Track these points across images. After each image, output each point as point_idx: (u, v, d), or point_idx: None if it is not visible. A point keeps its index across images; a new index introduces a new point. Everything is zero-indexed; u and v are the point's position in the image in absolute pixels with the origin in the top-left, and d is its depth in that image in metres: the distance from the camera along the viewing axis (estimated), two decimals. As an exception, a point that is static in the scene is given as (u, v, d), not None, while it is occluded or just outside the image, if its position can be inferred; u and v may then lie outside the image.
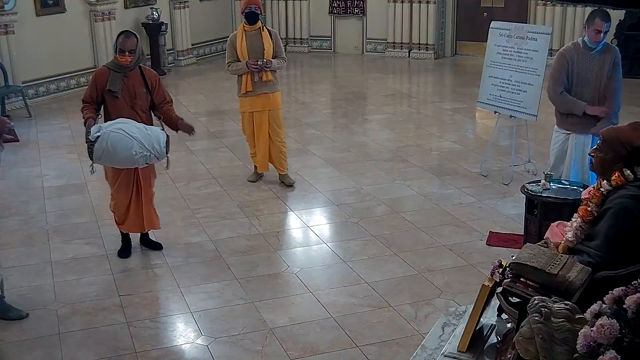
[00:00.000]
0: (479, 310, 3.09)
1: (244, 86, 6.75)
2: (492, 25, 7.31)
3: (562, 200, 4.99)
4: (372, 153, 8.15)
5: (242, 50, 6.66)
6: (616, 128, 3.30)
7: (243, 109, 6.94)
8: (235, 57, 6.71)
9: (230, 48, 6.75)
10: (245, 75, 6.70)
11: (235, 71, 6.77)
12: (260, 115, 6.85)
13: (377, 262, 5.35)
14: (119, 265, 5.36)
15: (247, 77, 6.71)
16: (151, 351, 4.25)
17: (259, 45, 6.67)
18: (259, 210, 6.43)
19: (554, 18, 12.92)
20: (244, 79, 6.73)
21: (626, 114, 9.30)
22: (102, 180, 7.25)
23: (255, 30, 6.71)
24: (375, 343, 4.26)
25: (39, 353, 4.24)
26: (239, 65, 6.69)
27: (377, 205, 6.50)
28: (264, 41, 6.68)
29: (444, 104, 10.78)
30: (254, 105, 6.83)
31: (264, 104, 6.82)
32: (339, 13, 14.98)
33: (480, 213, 6.28)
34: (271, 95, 6.84)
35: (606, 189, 3.19)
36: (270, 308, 4.70)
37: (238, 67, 6.71)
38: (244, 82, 6.74)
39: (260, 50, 6.66)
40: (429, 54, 14.15)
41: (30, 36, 10.57)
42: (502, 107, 7.13)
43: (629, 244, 3.00)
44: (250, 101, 6.83)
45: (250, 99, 6.81)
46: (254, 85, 6.72)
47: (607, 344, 2.27)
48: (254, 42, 6.67)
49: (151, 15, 12.73)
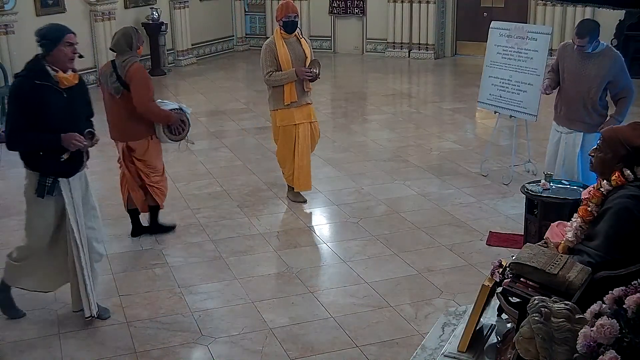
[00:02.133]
0: (479, 310, 3.09)
1: (289, 96, 6.23)
2: (492, 25, 7.31)
3: (562, 200, 4.99)
4: (372, 153, 8.15)
5: (286, 58, 6.20)
6: (616, 128, 3.31)
7: (285, 122, 6.33)
8: (276, 66, 6.21)
9: (269, 56, 6.20)
10: (290, 85, 6.22)
11: (278, 81, 6.20)
12: (304, 128, 6.41)
13: (377, 262, 5.35)
14: (119, 265, 5.36)
15: (291, 87, 6.23)
16: (151, 351, 4.25)
17: (300, 54, 6.29)
18: (259, 210, 6.43)
19: (554, 18, 12.91)
20: (287, 89, 6.22)
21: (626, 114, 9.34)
22: (102, 180, 7.28)
23: (293, 37, 6.31)
24: (375, 343, 4.26)
25: (39, 353, 4.24)
26: (284, 74, 6.18)
27: (377, 205, 6.50)
28: (304, 49, 6.33)
29: (444, 104, 10.78)
30: (299, 117, 6.35)
31: (308, 115, 6.43)
32: (339, 13, 14.98)
33: (480, 213, 6.28)
34: (312, 107, 6.50)
35: (606, 189, 3.19)
36: (270, 308, 4.70)
37: (283, 77, 6.18)
38: (288, 92, 6.23)
39: (302, 58, 6.28)
40: (429, 54, 14.15)
41: (30, 36, 10.40)
42: (502, 107, 7.13)
43: (629, 244, 3.00)
44: (294, 113, 6.32)
45: (294, 111, 6.31)
46: (299, 95, 6.29)
47: (607, 344, 2.27)
48: (296, 49, 6.28)
49: (151, 15, 12.73)
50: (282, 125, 6.35)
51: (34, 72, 4.16)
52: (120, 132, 5.61)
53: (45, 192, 4.22)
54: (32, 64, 4.22)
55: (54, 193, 4.24)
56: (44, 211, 4.31)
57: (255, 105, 10.53)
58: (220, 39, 15.43)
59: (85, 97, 4.45)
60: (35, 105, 4.10)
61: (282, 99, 6.25)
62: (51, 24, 4.37)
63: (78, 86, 4.32)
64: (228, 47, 15.69)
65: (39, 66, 4.18)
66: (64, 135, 4.14)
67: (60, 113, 4.16)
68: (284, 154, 6.49)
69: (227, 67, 14.11)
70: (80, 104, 4.35)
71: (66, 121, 4.17)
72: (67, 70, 4.25)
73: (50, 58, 4.19)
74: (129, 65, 5.37)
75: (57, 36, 4.20)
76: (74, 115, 4.24)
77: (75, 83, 4.27)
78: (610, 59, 5.40)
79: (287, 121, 6.33)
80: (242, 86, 12.42)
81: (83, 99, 4.41)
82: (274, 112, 6.38)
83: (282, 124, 6.35)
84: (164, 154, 5.96)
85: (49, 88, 4.13)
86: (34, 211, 4.35)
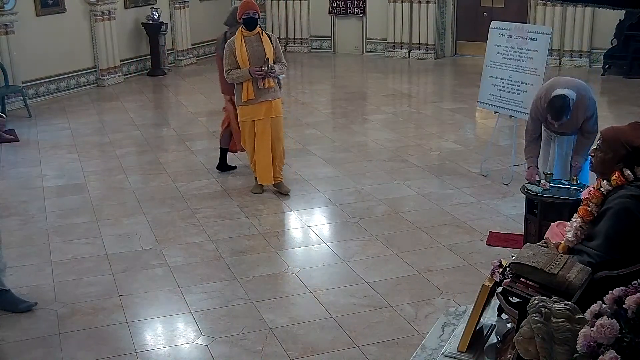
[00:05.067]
0: (479, 310, 3.09)
1: (245, 94, 6.45)
2: (492, 25, 7.31)
3: (562, 200, 4.98)
4: (372, 153, 8.15)
5: (243, 56, 6.39)
6: (616, 128, 3.31)
7: (244, 117, 6.62)
8: (235, 64, 6.43)
9: (228, 55, 6.44)
10: (247, 83, 6.42)
11: (235, 79, 6.47)
12: (263, 124, 6.57)
13: (377, 262, 5.35)
14: (119, 265, 5.36)
15: (248, 85, 6.42)
16: (151, 351, 4.25)
17: (259, 51, 6.42)
18: (259, 210, 6.43)
19: (554, 18, 12.92)
20: (244, 87, 6.44)
21: (626, 114, 9.35)
22: (102, 181, 7.29)
23: (254, 35, 6.46)
24: (375, 343, 4.26)
25: (39, 353, 4.24)
26: (240, 72, 6.41)
27: (377, 205, 6.50)
28: (264, 46, 6.44)
29: (444, 104, 10.78)
30: (256, 114, 6.54)
31: (267, 111, 6.54)
32: (339, 13, 14.98)
33: (480, 213, 6.28)
34: (273, 103, 6.57)
35: (606, 189, 3.19)
36: (270, 308, 4.70)
37: (239, 75, 6.42)
38: (245, 90, 6.44)
39: (261, 55, 6.41)
40: (429, 54, 14.15)
41: (30, 36, 10.57)
42: (502, 107, 7.13)
43: (629, 244, 3.00)
44: (252, 109, 6.54)
45: (252, 107, 6.52)
46: (256, 93, 6.45)
47: (607, 344, 2.27)
48: (255, 47, 6.42)
49: (151, 15, 12.73)
50: (242, 120, 6.68)
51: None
52: (224, 87, 7.13)
53: None
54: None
55: None
56: None
57: (255, 105, 10.51)
58: (220, 39, 15.42)
59: None
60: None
61: (242, 96, 6.53)
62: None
63: None
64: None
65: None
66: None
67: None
68: (247, 148, 6.83)
69: (227, 67, 14.09)
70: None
71: None
72: None
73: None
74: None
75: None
76: None
77: None
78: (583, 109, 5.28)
79: (245, 117, 6.63)
80: (242, 86, 12.40)
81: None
82: (238, 107, 6.72)
83: (242, 119, 6.67)
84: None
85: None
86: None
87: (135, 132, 9.15)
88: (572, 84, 5.31)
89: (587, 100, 5.29)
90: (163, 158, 8.06)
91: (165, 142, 8.87)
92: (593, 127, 5.33)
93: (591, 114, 5.32)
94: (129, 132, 9.17)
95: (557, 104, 5.16)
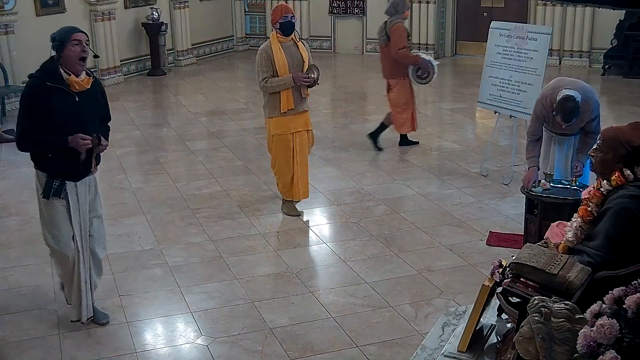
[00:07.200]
0: (479, 310, 3.09)
1: (285, 104, 5.89)
2: (492, 25, 7.31)
3: (562, 200, 4.98)
4: (372, 153, 8.15)
5: (282, 63, 5.84)
6: (616, 128, 3.31)
7: (280, 130, 6.00)
8: (272, 72, 5.85)
9: (265, 62, 5.85)
10: (286, 91, 5.89)
11: (275, 87, 5.86)
12: (301, 136, 6.08)
13: (377, 262, 5.35)
14: (119, 265, 5.36)
15: (288, 93, 5.89)
16: (151, 351, 4.25)
17: (297, 58, 5.93)
18: (259, 210, 6.43)
19: (554, 18, 12.92)
20: (283, 96, 5.89)
21: (626, 114, 9.35)
22: (102, 181, 7.26)
23: (289, 41, 5.96)
24: (375, 343, 4.26)
25: (39, 353, 4.24)
26: (281, 80, 5.84)
27: (377, 205, 6.50)
28: (302, 53, 5.98)
29: (444, 104, 10.78)
30: (295, 125, 6.02)
31: (305, 122, 6.11)
32: (339, 13, 14.98)
33: (480, 213, 6.28)
34: (308, 114, 6.19)
35: (606, 189, 3.19)
36: (270, 308, 4.70)
37: (280, 83, 5.84)
38: (285, 99, 5.89)
39: (300, 62, 5.93)
40: (429, 54, 14.10)
41: (30, 36, 10.56)
42: (502, 107, 7.13)
43: (629, 244, 3.00)
44: (290, 120, 5.98)
45: (290, 118, 5.97)
46: (296, 102, 5.96)
47: (607, 344, 2.27)
48: (293, 54, 5.93)
49: (151, 15, 12.73)
50: (276, 133, 6.03)
51: (46, 74, 4.16)
52: (385, 72, 8.16)
53: (51, 194, 4.22)
54: (46, 65, 4.24)
55: (61, 195, 4.24)
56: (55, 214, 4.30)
57: (255, 105, 10.51)
58: (220, 39, 15.42)
59: (98, 101, 4.39)
60: (44, 107, 4.10)
61: (279, 107, 5.93)
62: (63, 27, 4.37)
63: (91, 90, 4.28)
64: (228, 47, 15.69)
65: (52, 68, 4.18)
66: (71, 137, 4.14)
67: (68, 116, 4.15)
68: (280, 165, 6.16)
69: (227, 67, 14.11)
70: (91, 108, 4.29)
71: (74, 124, 4.15)
72: (79, 72, 4.21)
73: (63, 60, 4.18)
74: (393, 25, 7.87)
75: (64, 37, 4.20)
76: (82, 118, 4.20)
77: (86, 88, 4.24)
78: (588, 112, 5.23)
79: (282, 129, 6.01)
80: (242, 86, 12.42)
81: (96, 102, 4.36)
82: (268, 119, 6.06)
83: (277, 132, 6.02)
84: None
85: (60, 90, 4.13)
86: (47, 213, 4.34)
87: (135, 132, 9.15)
88: (577, 85, 5.30)
89: (592, 103, 5.27)
90: (163, 158, 8.06)
91: (165, 142, 8.87)
92: (596, 128, 5.32)
93: (595, 116, 5.32)
94: (129, 132, 9.17)
95: (568, 105, 5.08)
